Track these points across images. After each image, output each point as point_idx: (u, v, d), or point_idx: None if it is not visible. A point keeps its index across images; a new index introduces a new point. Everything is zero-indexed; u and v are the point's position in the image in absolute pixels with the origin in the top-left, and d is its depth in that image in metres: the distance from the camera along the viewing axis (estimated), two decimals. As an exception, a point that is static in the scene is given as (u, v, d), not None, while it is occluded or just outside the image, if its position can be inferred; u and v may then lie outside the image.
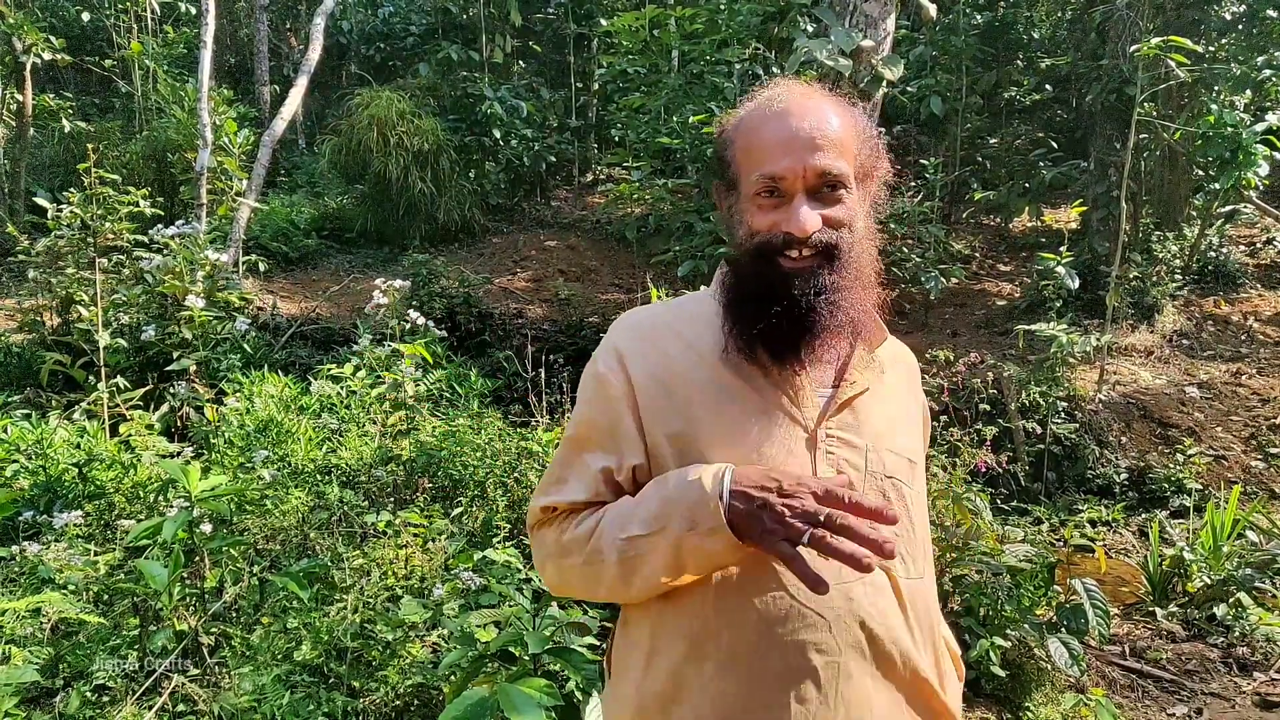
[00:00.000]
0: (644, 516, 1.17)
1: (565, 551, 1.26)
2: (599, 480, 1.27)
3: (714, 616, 1.19)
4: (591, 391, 1.31)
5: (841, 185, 1.22)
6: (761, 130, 1.24)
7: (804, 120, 1.22)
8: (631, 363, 1.28)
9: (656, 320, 1.34)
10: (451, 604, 2.90)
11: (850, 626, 1.17)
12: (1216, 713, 3.23)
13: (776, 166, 1.20)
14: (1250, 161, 6.94)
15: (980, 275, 10.01)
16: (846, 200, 1.23)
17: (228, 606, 2.83)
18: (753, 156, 1.23)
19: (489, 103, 10.08)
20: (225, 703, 2.51)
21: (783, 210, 1.21)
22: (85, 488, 3.81)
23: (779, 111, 1.23)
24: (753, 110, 1.28)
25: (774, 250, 1.21)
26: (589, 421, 1.30)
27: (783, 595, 1.17)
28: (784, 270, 1.21)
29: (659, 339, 1.30)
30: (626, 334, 1.33)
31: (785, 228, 1.20)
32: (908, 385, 1.39)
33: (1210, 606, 3.97)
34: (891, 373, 1.35)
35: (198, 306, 4.49)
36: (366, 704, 2.70)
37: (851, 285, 1.23)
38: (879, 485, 1.25)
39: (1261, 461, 6.15)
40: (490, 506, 3.87)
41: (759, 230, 1.22)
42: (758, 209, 1.23)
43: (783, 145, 1.20)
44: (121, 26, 11.43)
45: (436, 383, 5.35)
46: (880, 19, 4.03)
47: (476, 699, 1.88)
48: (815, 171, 1.20)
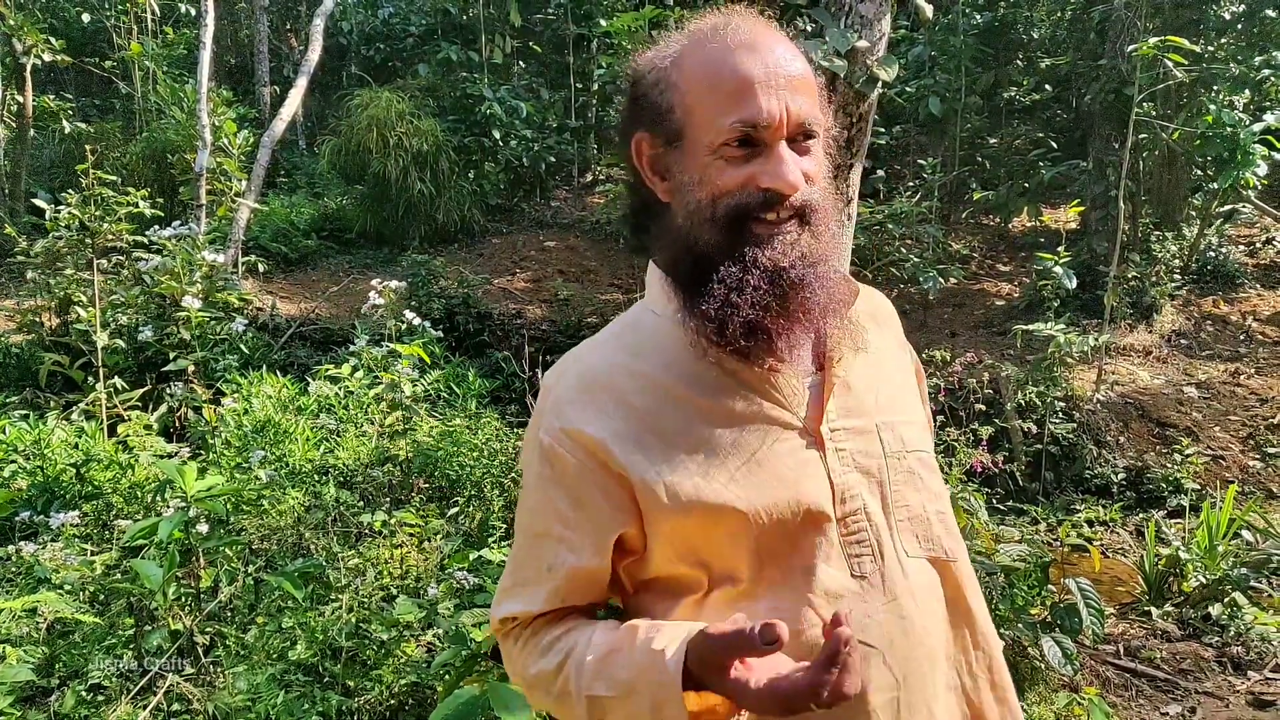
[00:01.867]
0: (608, 680, 0.99)
1: (531, 686, 1.09)
2: (563, 580, 1.07)
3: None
4: (539, 473, 1.08)
5: (814, 136, 1.04)
6: (729, 64, 1.01)
7: (779, 55, 1.02)
8: (586, 424, 1.04)
9: (596, 364, 1.10)
10: (447, 603, 2.91)
11: (904, 650, 1.02)
12: (1210, 712, 3.24)
13: (758, 110, 0.99)
14: (1248, 161, 6.94)
15: (979, 275, 10.01)
16: (815, 152, 1.05)
17: (223, 606, 2.84)
18: (719, 97, 1.00)
19: (488, 103, 10.10)
20: (220, 702, 2.52)
21: (759, 162, 1.00)
22: (83, 488, 3.82)
23: (746, 41, 1.02)
24: (705, 40, 1.04)
25: (749, 213, 1.01)
26: (546, 509, 1.07)
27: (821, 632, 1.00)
28: (758, 236, 1.01)
29: (606, 385, 1.07)
30: (567, 393, 1.08)
31: (766, 183, 1.00)
32: (887, 333, 1.21)
33: (1205, 606, 3.98)
34: (872, 328, 1.15)
35: (194, 307, 4.51)
36: (361, 703, 2.71)
37: (830, 253, 1.06)
38: (903, 465, 1.09)
39: (1259, 461, 6.15)
40: (487, 506, 3.88)
41: (729, 189, 1.00)
42: (725, 162, 1.01)
43: (761, 84, 0.99)
44: (122, 28, 11.46)
45: (434, 383, 5.36)
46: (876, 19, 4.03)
47: (467, 697, 1.90)
48: (796, 119, 1.01)
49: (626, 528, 1.04)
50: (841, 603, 1.01)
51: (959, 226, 10.91)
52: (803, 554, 1.02)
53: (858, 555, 1.04)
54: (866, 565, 1.04)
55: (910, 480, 1.09)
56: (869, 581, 1.03)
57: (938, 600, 1.07)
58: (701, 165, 1.02)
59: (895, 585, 1.03)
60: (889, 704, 1.01)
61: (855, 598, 1.02)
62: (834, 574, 1.02)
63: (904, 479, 1.08)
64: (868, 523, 1.05)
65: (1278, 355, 7.66)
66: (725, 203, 1.01)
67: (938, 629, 1.06)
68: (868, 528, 1.05)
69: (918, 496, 1.09)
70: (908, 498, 1.08)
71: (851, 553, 1.03)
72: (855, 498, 1.05)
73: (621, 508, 1.04)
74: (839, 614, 0.88)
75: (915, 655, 1.03)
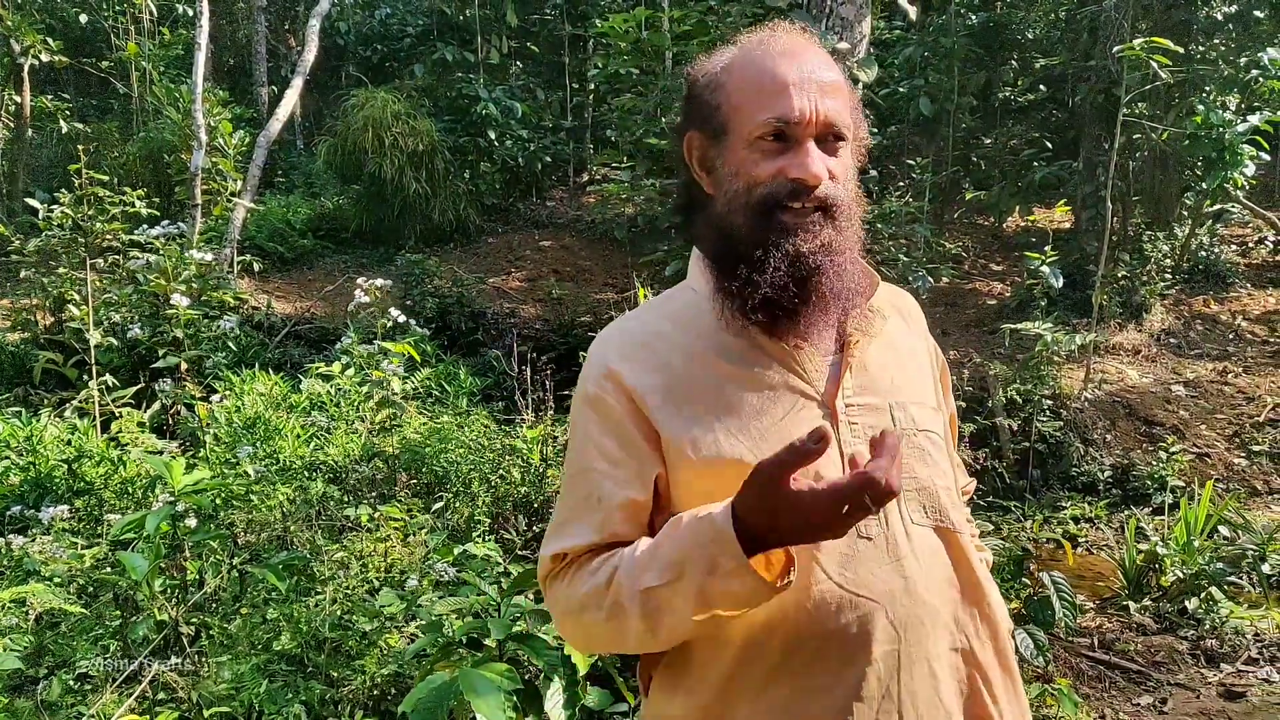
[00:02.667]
0: (660, 565, 1.05)
1: (583, 606, 1.13)
2: (615, 514, 1.14)
3: (759, 618, 1.08)
4: (584, 419, 1.19)
5: (842, 138, 1.16)
6: (770, 68, 1.14)
7: (812, 64, 1.14)
8: (625, 376, 1.16)
9: (636, 327, 1.24)
10: (429, 595, 2.97)
11: (907, 606, 1.10)
12: (1180, 703, 3.29)
13: (790, 107, 1.11)
14: (1237, 161, 6.99)
15: (972, 275, 10.05)
16: (843, 155, 1.16)
17: (208, 597, 2.89)
18: (759, 96, 1.13)
19: (484, 103, 10.15)
20: (204, 691, 2.57)
21: (789, 156, 1.12)
22: (74, 483, 3.88)
23: (786, 50, 1.15)
24: (750, 49, 1.18)
25: (776, 202, 1.12)
26: (592, 450, 1.17)
27: (829, 585, 1.09)
28: (785, 224, 1.12)
29: (646, 345, 1.19)
30: (610, 349, 1.21)
31: (794, 173, 1.11)
32: (911, 329, 1.31)
33: (1182, 600, 4.03)
34: (893, 319, 1.27)
35: (183, 305, 4.56)
36: (344, 693, 2.77)
37: (851, 246, 1.17)
38: (913, 442, 1.17)
39: (1244, 459, 6.20)
40: (474, 502, 3.94)
41: (762, 180, 1.12)
42: (760, 155, 1.13)
43: (796, 86, 1.11)
44: (119, 28, 11.51)
45: (425, 381, 5.42)
46: (856, 22, 4.08)
47: (439, 683, 1.95)
48: (825, 119, 1.12)
49: (660, 469, 1.14)
50: (847, 561, 1.09)
51: (952, 226, 10.96)
52: None
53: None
54: (873, 529, 1.11)
55: (920, 456, 1.17)
56: (874, 543, 1.11)
57: (942, 565, 1.15)
58: (739, 158, 1.15)
59: (899, 548, 1.12)
60: (888, 655, 1.09)
61: (860, 557, 1.10)
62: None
63: (914, 454, 1.17)
64: None
65: (1266, 354, 7.71)
66: (758, 191, 1.13)
67: (941, 592, 1.14)
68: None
69: (926, 471, 1.18)
70: (916, 471, 1.16)
71: None
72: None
73: (656, 452, 1.14)
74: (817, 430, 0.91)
75: (916, 613, 1.10)
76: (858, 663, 1.08)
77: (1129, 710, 3.25)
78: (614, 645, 1.16)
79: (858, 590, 1.09)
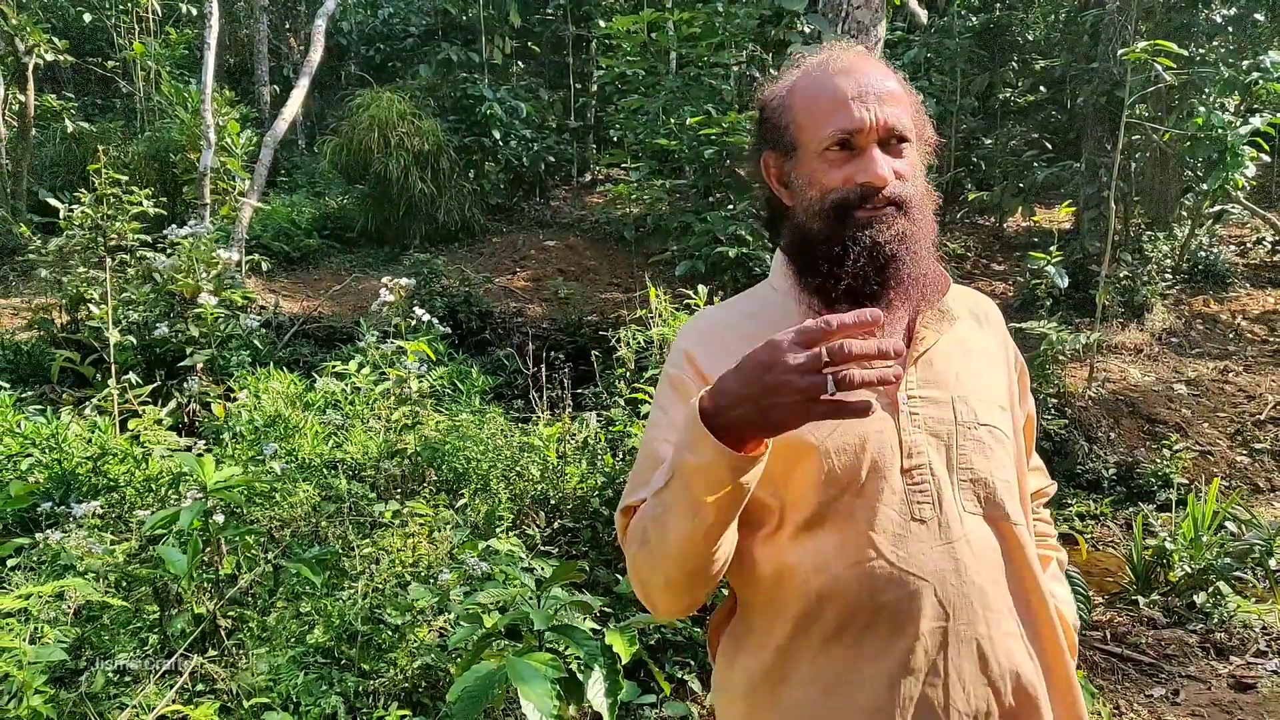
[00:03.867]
0: (664, 468, 1.14)
1: (630, 540, 1.23)
2: None
3: (815, 589, 1.18)
4: (667, 395, 1.30)
5: (906, 140, 1.24)
6: (829, 85, 1.23)
7: (869, 76, 1.23)
8: (702, 362, 1.26)
9: (716, 322, 1.34)
10: (458, 590, 3.02)
11: (957, 586, 1.16)
12: (1192, 694, 3.36)
13: (851, 118, 1.20)
14: (1237, 163, 7.07)
15: (974, 274, 10.13)
16: (908, 155, 1.24)
17: (243, 592, 2.94)
18: (822, 111, 1.22)
19: (488, 103, 10.19)
20: (242, 682, 2.62)
21: (855, 163, 1.21)
22: (99, 481, 3.92)
23: (844, 68, 1.24)
24: (811, 71, 1.28)
25: (850, 205, 1.20)
26: (665, 422, 1.27)
27: (880, 562, 1.16)
28: (861, 219, 1.20)
29: (723, 338, 1.28)
30: (691, 338, 1.32)
31: (862, 178, 1.20)
32: (986, 330, 1.36)
33: (1190, 595, 4.09)
34: (966, 319, 1.33)
35: (210, 304, 4.61)
36: (377, 685, 2.82)
37: (924, 236, 1.24)
38: (973, 434, 1.23)
39: (1246, 456, 6.28)
40: (494, 499, 3.99)
41: (833, 186, 1.21)
42: (828, 165, 1.22)
43: (856, 99, 1.21)
44: (123, 27, 11.53)
45: (439, 379, 5.47)
46: (871, 25, 4.13)
47: (486, 671, 2.00)
48: (885, 125, 1.21)
49: None
50: (900, 540, 1.17)
51: (954, 226, 11.03)
52: (867, 496, 1.19)
53: (919, 502, 1.19)
54: (926, 512, 1.19)
55: (979, 448, 1.23)
56: (927, 526, 1.18)
57: (993, 552, 1.21)
58: (811, 169, 1.24)
59: (951, 532, 1.18)
60: (935, 631, 1.16)
61: (913, 537, 1.17)
62: (894, 515, 1.18)
63: (972, 446, 1.23)
64: (931, 476, 1.20)
65: (1266, 353, 7.79)
66: (831, 197, 1.22)
67: (993, 578, 1.20)
68: (930, 480, 1.20)
69: (985, 463, 1.24)
70: (973, 462, 1.23)
71: (914, 500, 1.19)
72: (921, 454, 1.21)
73: None
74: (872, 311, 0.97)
75: (966, 594, 1.17)
76: (906, 635, 1.15)
77: (1142, 701, 3.32)
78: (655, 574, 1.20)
79: (908, 568, 1.16)
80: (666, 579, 1.19)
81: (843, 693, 1.17)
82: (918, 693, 1.15)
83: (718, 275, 6.50)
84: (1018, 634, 1.21)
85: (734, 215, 6.84)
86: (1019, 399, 1.39)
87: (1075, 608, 1.43)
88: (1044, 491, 1.51)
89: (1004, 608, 1.21)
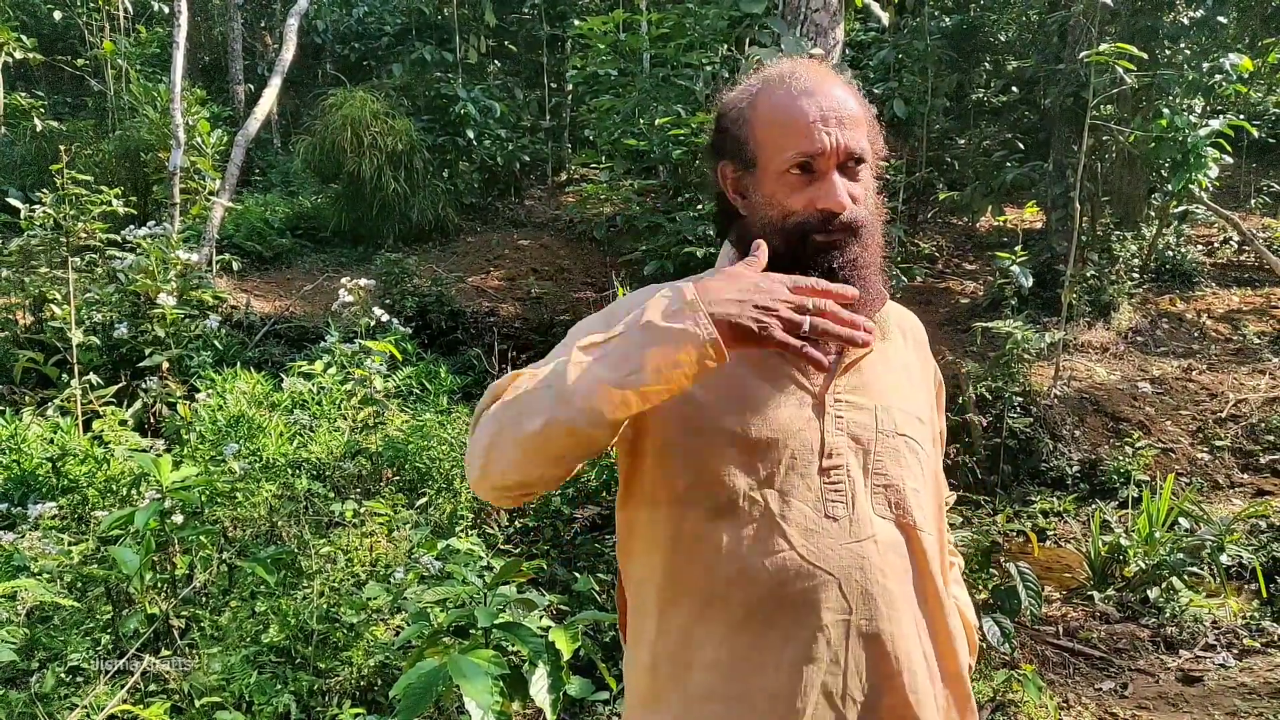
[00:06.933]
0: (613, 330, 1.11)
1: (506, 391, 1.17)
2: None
3: (723, 575, 1.21)
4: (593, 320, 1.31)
5: (863, 161, 1.27)
6: (792, 106, 1.25)
7: (832, 99, 1.25)
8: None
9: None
10: (414, 588, 3.03)
11: (861, 583, 1.21)
12: (1141, 687, 3.42)
13: (813, 143, 1.22)
14: (1200, 164, 7.17)
15: (945, 274, 10.22)
16: (863, 177, 1.28)
17: (197, 591, 2.95)
18: (783, 133, 1.24)
19: (463, 103, 10.18)
20: (195, 682, 2.63)
21: (815, 187, 1.23)
22: (59, 482, 3.90)
23: (807, 89, 1.26)
24: (774, 87, 1.29)
25: (809, 230, 1.23)
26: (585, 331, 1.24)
27: (791, 554, 1.20)
28: (818, 245, 1.24)
29: None
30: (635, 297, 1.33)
31: (823, 204, 1.22)
32: (910, 347, 1.42)
33: (1144, 590, 4.17)
34: (896, 336, 1.39)
35: (169, 305, 4.59)
36: (332, 683, 2.83)
37: (874, 260, 1.28)
38: (890, 443, 1.28)
39: (1207, 453, 6.38)
40: (456, 498, 4.01)
41: (794, 210, 1.24)
42: (789, 188, 1.25)
43: (818, 123, 1.22)
44: (94, 25, 11.44)
45: (406, 379, 5.47)
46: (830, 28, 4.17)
47: (429, 669, 2.02)
48: (845, 149, 1.23)
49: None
50: (811, 535, 1.21)
51: (926, 226, 11.12)
52: (785, 490, 1.23)
53: (833, 501, 1.24)
54: (839, 510, 1.24)
55: (895, 456, 1.28)
56: (838, 524, 1.23)
57: (899, 555, 1.26)
58: (771, 190, 1.27)
59: (861, 531, 1.23)
60: (838, 624, 1.22)
61: (824, 533, 1.22)
62: (808, 511, 1.23)
63: (889, 453, 1.28)
64: (847, 478, 1.25)
65: (1229, 352, 7.91)
66: (792, 220, 1.25)
67: (897, 578, 1.25)
68: (846, 481, 1.25)
69: (899, 471, 1.29)
70: (888, 468, 1.28)
71: (829, 498, 1.24)
72: (841, 455, 1.26)
73: None
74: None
75: (870, 590, 1.22)
76: (809, 626, 1.21)
77: (1091, 694, 3.38)
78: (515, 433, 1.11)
79: (817, 562, 1.21)
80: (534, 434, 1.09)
81: (747, 677, 1.21)
82: (818, 680, 1.20)
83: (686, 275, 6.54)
84: (915, 633, 1.27)
85: (702, 215, 6.87)
86: (935, 414, 1.45)
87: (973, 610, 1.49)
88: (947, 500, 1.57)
89: (905, 607, 1.25)
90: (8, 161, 9.80)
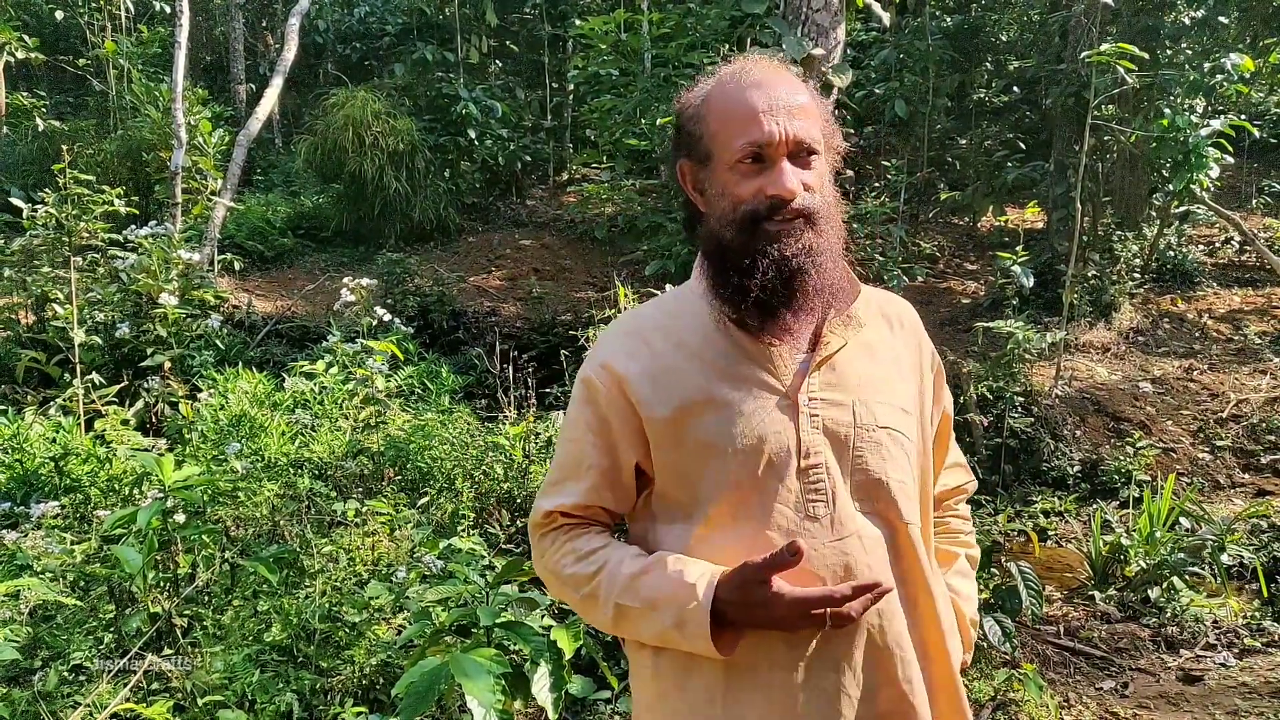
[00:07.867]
0: (639, 597, 1.26)
1: (564, 583, 1.35)
2: (596, 480, 1.33)
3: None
4: (579, 396, 1.36)
5: (815, 152, 1.28)
6: (741, 99, 1.27)
7: (780, 90, 1.27)
8: (617, 362, 1.32)
9: (639, 321, 1.39)
10: (416, 587, 3.04)
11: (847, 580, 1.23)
12: (1141, 686, 3.42)
13: (761, 133, 1.24)
14: (1201, 164, 7.17)
15: (946, 274, 10.22)
16: (817, 166, 1.28)
17: (200, 590, 2.95)
18: (734, 124, 1.26)
19: (464, 103, 10.19)
20: (197, 681, 2.63)
21: (766, 175, 1.24)
22: (61, 481, 3.91)
23: (756, 81, 1.28)
24: (725, 82, 1.31)
25: (760, 217, 1.24)
26: (580, 422, 1.35)
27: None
28: (770, 233, 1.24)
29: (643, 336, 1.34)
30: (611, 338, 1.38)
31: (771, 190, 1.24)
32: (896, 334, 1.40)
33: (1145, 589, 4.17)
34: (875, 324, 1.37)
35: (171, 304, 4.60)
36: (334, 682, 2.84)
37: (831, 248, 1.28)
38: (871, 437, 1.28)
39: (1208, 453, 6.38)
40: (457, 497, 4.01)
41: (745, 198, 1.25)
42: (740, 177, 1.26)
43: (766, 113, 1.24)
44: (96, 25, 11.45)
45: (408, 379, 5.48)
46: (831, 28, 4.18)
47: (431, 667, 2.03)
48: (794, 138, 1.25)
49: (639, 452, 1.31)
50: (792, 538, 1.21)
51: (927, 226, 11.12)
52: (765, 494, 1.25)
53: (813, 501, 1.25)
54: (819, 510, 1.25)
55: (876, 450, 1.28)
56: (820, 524, 1.24)
57: (883, 549, 1.27)
58: (724, 180, 1.28)
59: (843, 529, 1.25)
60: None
61: (805, 534, 1.24)
62: (789, 514, 1.25)
63: (869, 447, 1.28)
64: (826, 476, 1.26)
65: (1230, 352, 7.91)
66: (743, 208, 1.26)
67: (883, 573, 1.26)
68: (825, 479, 1.26)
69: (881, 464, 1.29)
70: (869, 463, 1.28)
71: (809, 498, 1.25)
72: (819, 454, 1.26)
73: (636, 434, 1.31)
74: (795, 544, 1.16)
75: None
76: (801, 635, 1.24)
77: (1092, 694, 3.38)
78: (581, 614, 1.39)
79: (804, 564, 1.21)
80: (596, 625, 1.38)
81: (745, 677, 1.24)
82: (815, 678, 1.23)
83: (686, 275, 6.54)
84: (904, 628, 1.28)
85: (704, 215, 6.87)
86: (934, 398, 1.44)
87: (976, 604, 1.49)
88: (964, 488, 1.56)
89: (893, 601, 1.27)
90: (10, 161, 9.81)
